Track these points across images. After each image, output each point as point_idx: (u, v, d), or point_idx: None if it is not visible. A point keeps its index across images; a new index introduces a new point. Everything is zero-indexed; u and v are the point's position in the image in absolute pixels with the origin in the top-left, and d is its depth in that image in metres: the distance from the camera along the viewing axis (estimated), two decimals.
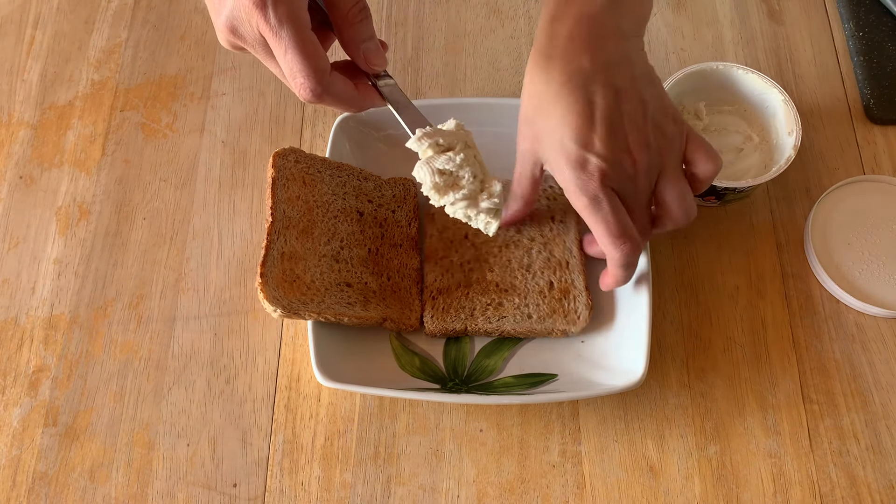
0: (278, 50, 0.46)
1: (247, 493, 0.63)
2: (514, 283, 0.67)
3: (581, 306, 0.65)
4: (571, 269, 0.67)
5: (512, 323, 0.65)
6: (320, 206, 0.68)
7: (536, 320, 0.65)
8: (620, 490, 0.63)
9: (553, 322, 0.65)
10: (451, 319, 0.65)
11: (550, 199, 0.70)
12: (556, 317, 0.65)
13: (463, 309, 0.66)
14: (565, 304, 0.65)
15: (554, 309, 0.65)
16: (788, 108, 0.70)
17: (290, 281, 0.63)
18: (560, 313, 0.65)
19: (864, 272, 0.69)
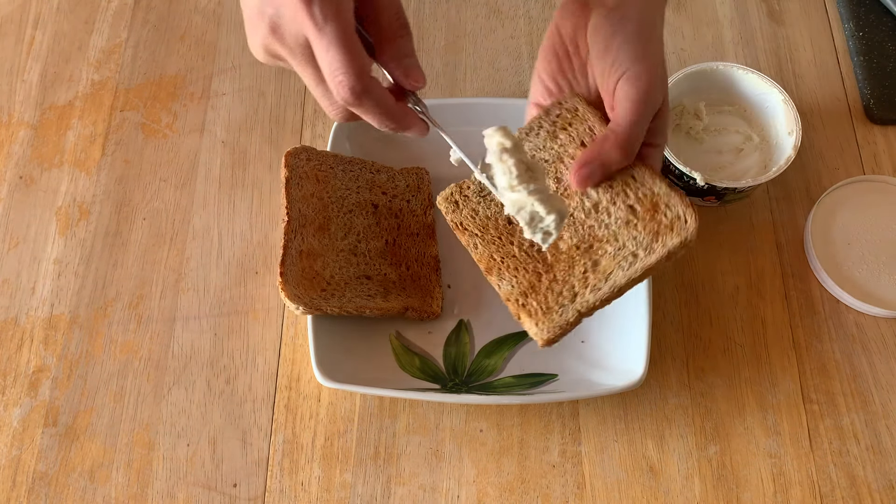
0: (320, 46, 0.45)
1: (247, 493, 0.63)
2: (593, 233, 0.55)
3: (679, 207, 0.54)
4: (640, 177, 0.55)
5: (622, 274, 0.54)
6: (335, 201, 0.68)
7: (645, 254, 0.54)
8: (620, 490, 0.63)
9: (664, 244, 0.53)
10: (560, 315, 0.54)
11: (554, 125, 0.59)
12: (663, 236, 0.54)
13: (562, 296, 0.55)
14: (662, 217, 0.54)
15: (655, 230, 0.54)
16: (788, 108, 0.70)
17: (309, 278, 0.64)
18: (664, 229, 0.54)
19: (864, 272, 0.69)
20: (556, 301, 0.54)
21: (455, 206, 0.57)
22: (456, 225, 0.57)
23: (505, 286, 0.55)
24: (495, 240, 0.57)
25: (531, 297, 0.55)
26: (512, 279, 0.56)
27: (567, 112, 0.57)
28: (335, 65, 0.46)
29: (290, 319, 0.69)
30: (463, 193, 0.58)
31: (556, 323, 0.54)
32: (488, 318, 0.68)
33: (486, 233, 0.57)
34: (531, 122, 0.58)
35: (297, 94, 0.80)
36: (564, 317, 0.54)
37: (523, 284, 0.55)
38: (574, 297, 0.54)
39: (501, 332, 0.68)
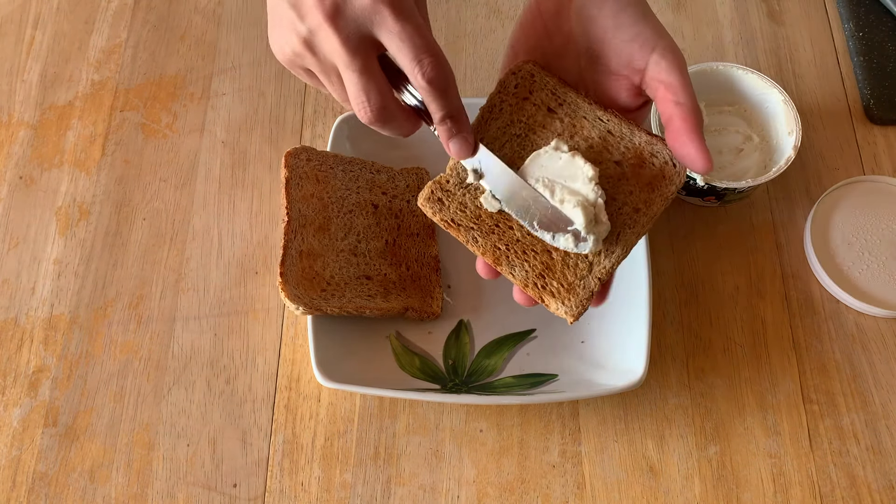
0: (346, 74, 0.48)
1: (247, 493, 0.63)
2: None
3: (664, 153, 0.54)
4: (619, 132, 0.55)
5: (630, 232, 0.53)
6: (335, 201, 0.68)
7: (646, 207, 0.53)
8: (620, 490, 0.63)
9: (660, 193, 0.54)
10: (583, 288, 0.53)
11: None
12: (657, 185, 0.54)
13: (578, 268, 0.53)
14: (650, 167, 0.54)
15: (648, 182, 0.54)
16: (788, 108, 0.70)
17: (309, 278, 0.64)
18: (657, 178, 0.54)
19: (864, 272, 0.69)
20: (574, 275, 0.53)
21: (440, 204, 0.54)
22: (447, 223, 0.54)
23: (519, 273, 0.53)
24: (493, 228, 0.54)
25: (549, 278, 0.53)
26: (524, 264, 0.53)
27: (524, 80, 0.56)
28: (358, 93, 0.48)
29: (290, 319, 0.69)
30: (444, 189, 0.54)
31: (581, 297, 0.53)
32: (488, 318, 0.68)
33: (482, 223, 0.54)
34: (491, 98, 0.56)
35: (297, 94, 0.80)
36: (588, 288, 0.53)
37: (537, 267, 0.53)
38: (590, 266, 0.53)
39: (501, 333, 0.68)
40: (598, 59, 0.54)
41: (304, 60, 0.49)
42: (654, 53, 0.52)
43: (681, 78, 0.52)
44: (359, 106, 0.48)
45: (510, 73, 0.56)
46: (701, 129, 0.52)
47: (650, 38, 0.52)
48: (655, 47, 0.52)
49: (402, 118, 0.50)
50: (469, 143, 0.52)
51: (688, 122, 0.52)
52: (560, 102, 0.56)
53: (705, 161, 0.51)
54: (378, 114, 0.48)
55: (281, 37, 0.49)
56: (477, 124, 0.55)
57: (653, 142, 0.54)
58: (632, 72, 0.53)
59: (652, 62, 0.52)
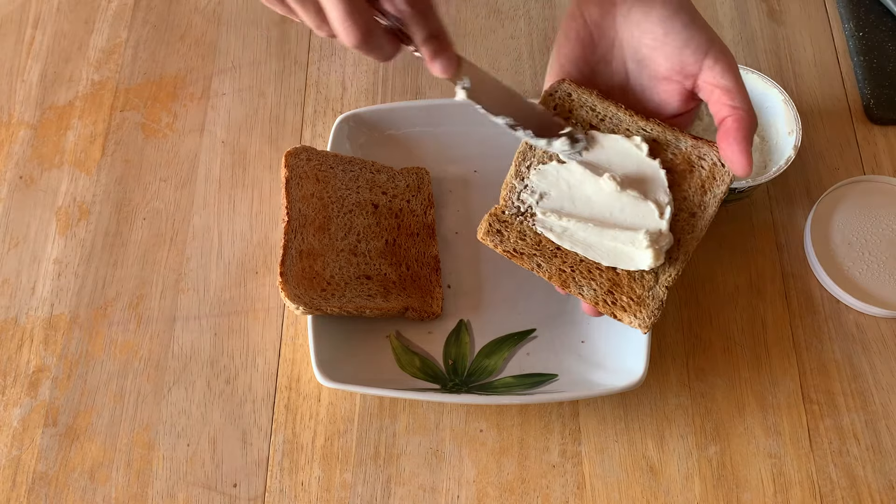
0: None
1: (247, 493, 0.63)
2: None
3: (712, 155, 0.55)
4: (664, 140, 0.56)
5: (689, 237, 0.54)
6: (335, 201, 0.68)
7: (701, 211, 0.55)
8: (620, 490, 0.63)
9: (713, 194, 0.55)
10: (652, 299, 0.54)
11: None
12: (709, 187, 0.55)
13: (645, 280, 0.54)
14: (700, 170, 0.55)
15: (700, 185, 0.55)
16: (788, 108, 0.70)
17: (309, 278, 0.64)
18: (708, 180, 0.55)
19: (864, 272, 0.69)
20: (642, 287, 0.54)
21: (500, 236, 0.55)
22: (510, 253, 0.55)
23: (588, 293, 0.54)
24: (556, 252, 0.54)
25: (618, 294, 0.54)
26: (590, 283, 0.54)
27: (562, 101, 0.56)
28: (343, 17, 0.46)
29: (290, 319, 0.69)
30: (501, 220, 0.55)
31: (651, 308, 0.54)
32: (488, 318, 0.68)
33: (544, 249, 0.55)
34: None
35: (297, 94, 0.80)
36: (657, 298, 0.54)
37: (604, 284, 0.54)
38: (656, 276, 0.54)
39: (501, 332, 0.68)
40: (647, 65, 0.55)
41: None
42: (707, 58, 0.53)
43: (736, 82, 0.53)
44: (345, 30, 0.47)
45: (547, 95, 0.56)
46: (752, 135, 0.53)
47: (703, 42, 0.53)
48: (709, 52, 0.53)
49: (386, 39, 0.49)
50: (453, 60, 0.51)
51: (742, 126, 0.52)
52: (601, 118, 0.56)
53: (748, 166, 0.52)
54: (365, 37, 0.47)
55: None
56: (521, 150, 0.56)
57: (699, 145, 0.55)
58: (684, 77, 0.54)
59: (706, 66, 0.53)
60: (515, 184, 0.56)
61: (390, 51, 0.50)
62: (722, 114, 0.53)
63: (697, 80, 0.54)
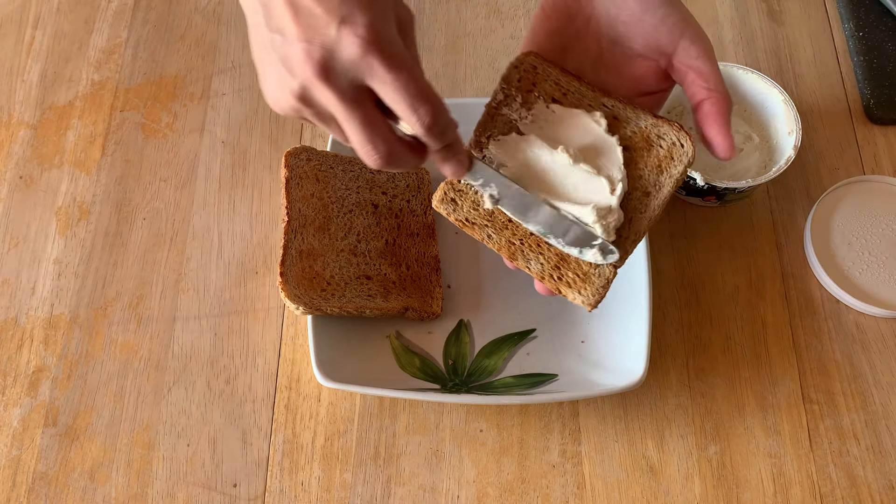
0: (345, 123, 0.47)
1: (247, 493, 0.63)
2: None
3: (671, 134, 0.54)
4: (624, 117, 0.55)
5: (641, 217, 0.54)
6: (335, 201, 0.68)
7: (656, 191, 0.54)
8: (620, 490, 0.63)
9: (669, 174, 0.54)
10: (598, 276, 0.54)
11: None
12: (666, 167, 0.54)
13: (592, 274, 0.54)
14: (658, 149, 0.55)
15: (656, 164, 0.55)
16: (788, 108, 0.70)
17: (309, 278, 0.64)
18: (665, 160, 0.54)
19: (864, 272, 0.69)
20: (589, 264, 0.54)
21: (454, 204, 0.55)
22: (462, 222, 0.55)
23: (534, 266, 0.54)
24: (507, 224, 0.55)
25: (564, 269, 0.54)
26: (538, 257, 0.54)
27: (526, 73, 0.56)
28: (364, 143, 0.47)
29: (290, 319, 0.69)
30: (456, 189, 0.55)
31: (597, 284, 0.54)
32: (488, 318, 0.68)
33: (496, 220, 0.55)
34: (495, 94, 0.56)
35: None
36: (603, 275, 0.54)
37: (552, 259, 0.54)
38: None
39: (501, 332, 0.68)
40: (622, 42, 0.55)
41: (302, 112, 0.48)
42: (683, 39, 0.53)
43: (711, 64, 0.53)
44: (366, 155, 0.48)
45: (512, 67, 0.56)
46: (729, 117, 0.53)
47: (678, 22, 0.53)
48: (685, 32, 0.53)
49: (409, 155, 0.50)
50: (463, 163, 0.52)
51: (719, 109, 0.53)
52: (564, 92, 0.56)
53: (729, 147, 0.53)
54: (386, 159, 0.48)
55: (275, 90, 0.47)
56: (483, 121, 0.55)
57: (659, 124, 0.55)
58: (659, 55, 0.54)
59: (681, 47, 0.53)
60: (474, 153, 0.55)
61: (415, 161, 0.51)
62: (699, 96, 0.53)
63: (672, 59, 0.54)
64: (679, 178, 0.54)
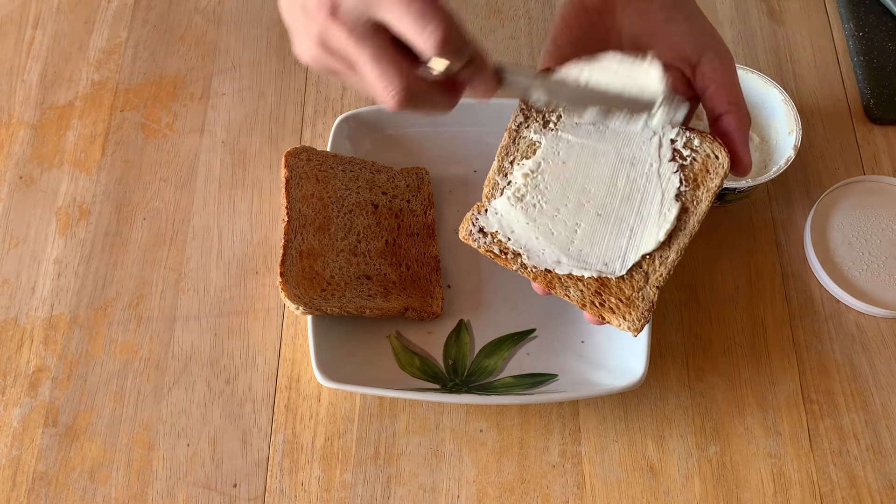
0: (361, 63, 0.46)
1: (247, 493, 0.63)
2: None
3: (705, 147, 0.53)
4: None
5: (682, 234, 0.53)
6: (335, 201, 0.68)
7: (694, 206, 0.52)
8: (620, 490, 0.63)
9: (707, 188, 0.52)
10: (642, 300, 0.52)
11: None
12: (703, 181, 0.53)
13: (634, 279, 0.53)
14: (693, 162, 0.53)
15: (693, 178, 0.53)
16: (788, 108, 0.70)
17: (309, 278, 0.64)
18: (701, 174, 0.53)
19: (864, 272, 0.69)
20: (631, 287, 0.52)
21: (482, 235, 0.53)
22: (493, 254, 0.53)
23: (574, 294, 0.52)
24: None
25: (606, 295, 0.52)
26: (577, 283, 0.52)
27: None
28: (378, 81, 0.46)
29: (290, 319, 0.69)
30: (481, 220, 0.54)
31: (641, 309, 0.52)
32: (488, 318, 0.68)
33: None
34: (515, 114, 0.55)
35: (297, 94, 0.80)
36: (647, 298, 0.52)
37: (591, 285, 0.52)
38: (646, 276, 0.52)
39: (501, 332, 0.68)
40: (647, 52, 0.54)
41: (325, 61, 0.48)
42: (708, 51, 0.53)
43: (733, 80, 0.53)
44: (383, 94, 0.47)
45: None
46: (748, 133, 0.53)
47: (704, 35, 0.53)
48: (709, 45, 0.53)
49: (436, 94, 0.48)
50: (490, 78, 0.49)
51: (738, 124, 0.53)
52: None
53: (749, 163, 0.53)
54: (404, 97, 0.46)
55: (301, 42, 0.48)
56: (505, 145, 0.54)
57: (691, 136, 0.53)
58: (683, 65, 0.53)
59: (705, 59, 0.53)
60: (498, 180, 0.54)
61: (446, 102, 0.49)
62: (719, 110, 0.53)
63: (695, 71, 0.53)
64: (716, 190, 0.52)
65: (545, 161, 0.54)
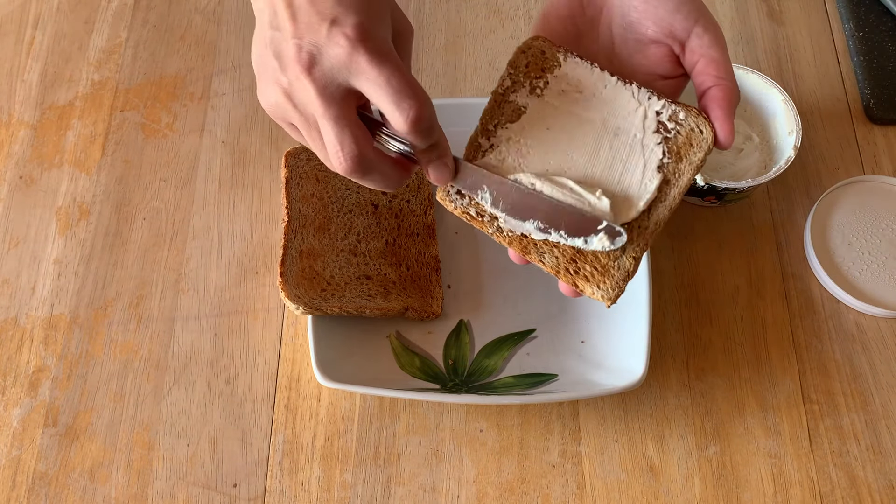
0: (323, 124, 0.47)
1: (247, 493, 0.63)
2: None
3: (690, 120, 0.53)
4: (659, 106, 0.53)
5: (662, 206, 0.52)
6: (335, 201, 0.68)
7: (676, 179, 0.52)
8: (620, 490, 0.63)
9: (689, 161, 0.52)
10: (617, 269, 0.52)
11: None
12: (686, 154, 0.52)
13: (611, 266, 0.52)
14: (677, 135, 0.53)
15: (676, 151, 0.53)
16: (788, 108, 0.70)
17: (309, 278, 0.64)
18: (685, 147, 0.53)
19: (864, 272, 0.69)
20: (607, 256, 0.51)
21: (459, 196, 0.52)
22: (469, 216, 0.52)
23: (549, 260, 0.52)
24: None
25: (581, 262, 0.52)
26: (553, 250, 0.52)
27: (535, 58, 0.54)
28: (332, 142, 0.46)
29: (290, 319, 0.69)
30: None
31: (616, 278, 0.51)
32: (488, 318, 0.68)
33: None
34: (503, 78, 0.54)
35: None
36: (623, 268, 0.51)
37: (567, 251, 0.52)
38: (624, 246, 0.52)
39: (501, 333, 0.68)
40: (636, 28, 0.54)
41: (286, 112, 0.48)
42: (697, 26, 0.53)
43: (723, 54, 0.53)
44: (333, 156, 0.47)
45: (520, 52, 0.54)
46: (735, 106, 0.53)
47: (692, 10, 0.53)
48: (698, 20, 0.53)
49: (387, 167, 0.49)
50: (448, 166, 0.51)
51: (727, 96, 0.52)
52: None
53: (730, 133, 0.52)
54: (354, 163, 0.47)
55: (266, 87, 0.48)
56: (489, 108, 0.54)
57: (676, 109, 0.53)
58: (673, 41, 0.53)
59: (694, 34, 0.53)
60: (481, 142, 0.53)
61: (394, 178, 0.50)
62: (707, 83, 0.53)
63: (685, 46, 0.53)
64: (699, 164, 0.52)
65: (529, 126, 0.53)
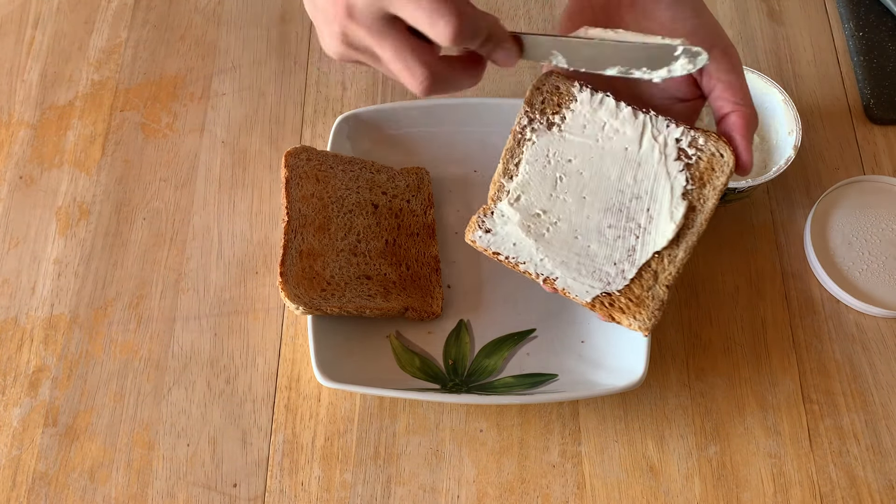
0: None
1: (247, 493, 0.63)
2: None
3: (710, 145, 0.53)
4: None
5: (690, 232, 0.53)
6: (335, 201, 0.68)
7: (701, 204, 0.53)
8: (620, 490, 0.63)
9: (713, 186, 0.53)
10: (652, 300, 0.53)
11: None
12: (709, 179, 0.53)
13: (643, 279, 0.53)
14: (698, 161, 0.53)
15: (699, 177, 0.53)
16: (788, 108, 0.70)
17: (309, 278, 0.64)
18: (707, 172, 0.53)
19: (864, 272, 0.69)
20: (640, 287, 0.52)
21: (490, 236, 0.53)
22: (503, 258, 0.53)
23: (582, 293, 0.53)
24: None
25: (615, 295, 0.53)
26: (582, 285, 0.53)
27: (549, 94, 0.55)
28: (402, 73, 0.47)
29: (290, 319, 0.69)
30: (487, 220, 0.54)
31: (651, 308, 0.52)
32: (488, 318, 0.68)
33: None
34: (520, 117, 0.55)
35: (297, 94, 0.80)
36: (657, 298, 0.52)
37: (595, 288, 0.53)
38: (656, 275, 0.53)
39: (501, 332, 0.68)
40: None
41: (351, 56, 0.49)
42: (714, 49, 0.52)
43: (741, 79, 0.53)
44: (408, 84, 0.48)
45: (535, 89, 0.55)
46: (754, 132, 0.53)
47: (710, 33, 0.53)
48: (716, 44, 0.53)
49: (460, 73, 0.49)
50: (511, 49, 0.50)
51: (745, 123, 0.52)
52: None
53: (750, 163, 0.53)
54: (428, 83, 0.48)
55: (326, 40, 0.49)
56: (510, 147, 0.54)
57: (696, 135, 0.53)
58: None
59: (712, 58, 0.52)
60: (504, 182, 0.54)
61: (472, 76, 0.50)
62: (725, 109, 0.53)
63: (702, 69, 0.53)
64: (722, 189, 0.52)
65: (550, 163, 0.54)
